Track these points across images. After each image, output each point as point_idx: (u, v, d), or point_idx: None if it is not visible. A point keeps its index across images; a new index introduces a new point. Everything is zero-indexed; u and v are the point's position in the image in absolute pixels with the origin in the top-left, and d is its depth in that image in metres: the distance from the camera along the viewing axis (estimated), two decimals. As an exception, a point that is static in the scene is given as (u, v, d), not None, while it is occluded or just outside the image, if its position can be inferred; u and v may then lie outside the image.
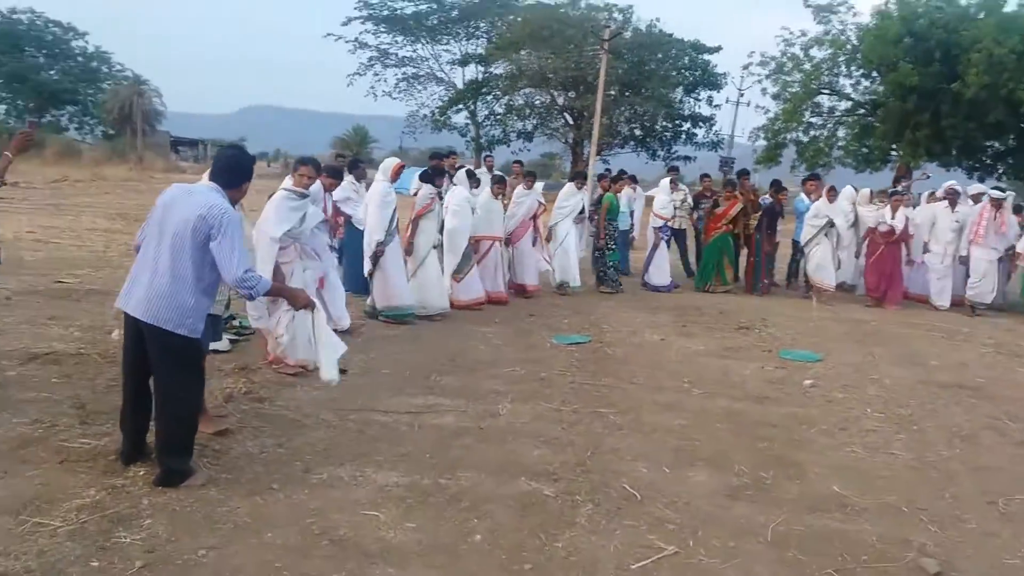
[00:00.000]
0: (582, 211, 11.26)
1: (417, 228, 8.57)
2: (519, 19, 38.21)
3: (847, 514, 4.20)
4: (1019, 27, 24.17)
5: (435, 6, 42.70)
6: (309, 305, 4.22)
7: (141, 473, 4.02)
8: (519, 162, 13.52)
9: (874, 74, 29.49)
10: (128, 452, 4.11)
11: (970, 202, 11.65)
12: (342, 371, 6.23)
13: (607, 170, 16.62)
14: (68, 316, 7.37)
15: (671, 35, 38.40)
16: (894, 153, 29.59)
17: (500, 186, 9.99)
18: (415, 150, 51.18)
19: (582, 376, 6.65)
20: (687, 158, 38.50)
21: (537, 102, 39.47)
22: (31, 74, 52.99)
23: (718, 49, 39.23)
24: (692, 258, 13.19)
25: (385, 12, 42.77)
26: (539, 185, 11.11)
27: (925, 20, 26.26)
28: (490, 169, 12.88)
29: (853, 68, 30.27)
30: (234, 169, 4.02)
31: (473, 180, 9.60)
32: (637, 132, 39.45)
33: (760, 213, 11.83)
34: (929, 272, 11.68)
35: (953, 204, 11.54)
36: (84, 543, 3.34)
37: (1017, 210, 10.98)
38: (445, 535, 3.70)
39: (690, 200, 12.50)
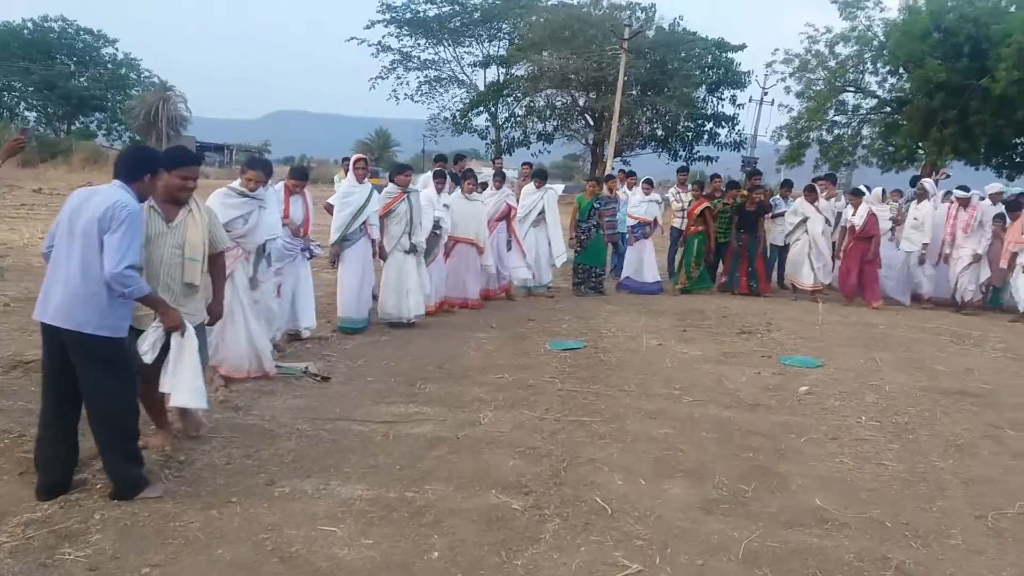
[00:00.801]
0: (542, 212, 10.99)
1: (383, 230, 8.08)
2: (541, 20, 38.08)
3: (826, 529, 4.04)
4: (1051, 21, 23.64)
5: (457, 8, 42.75)
6: (180, 328, 4.08)
7: (98, 486, 3.96)
8: (528, 164, 13.40)
9: (901, 71, 28.96)
10: (47, 487, 3.84)
11: (955, 202, 11.26)
12: (324, 378, 6.25)
13: (621, 171, 16.50)
14: (62, 323, 7.37)
15: (694, 33, 38.14)
16: (920, 152, 29.05)
17: (470, 183, 9.70)
18: (436, 153, 51.31)
19: (571, 383, 6.51)
20: (709, 158, 38.19)
21: (558, 103, 39.36)
22: (61, 81, 54.01)
23: (742, 47, 38.82)
24: None
25: (408, 15, 42.88)
26: (553, 187, 10.92)
27: (954, 14, 25.79)
28: (498, 171, 12.79)
29: (879, 65, 29.74)
30: (132, 164, 3.98)
31: (440, 181, 9.06)
32: (659, 132, 39.17)
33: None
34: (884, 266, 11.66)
35: (919, 199, 11.53)
36: (26, 560, 3.29)
37: (1017, 206, 10.55)
38: (401, 552, 3.59)
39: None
